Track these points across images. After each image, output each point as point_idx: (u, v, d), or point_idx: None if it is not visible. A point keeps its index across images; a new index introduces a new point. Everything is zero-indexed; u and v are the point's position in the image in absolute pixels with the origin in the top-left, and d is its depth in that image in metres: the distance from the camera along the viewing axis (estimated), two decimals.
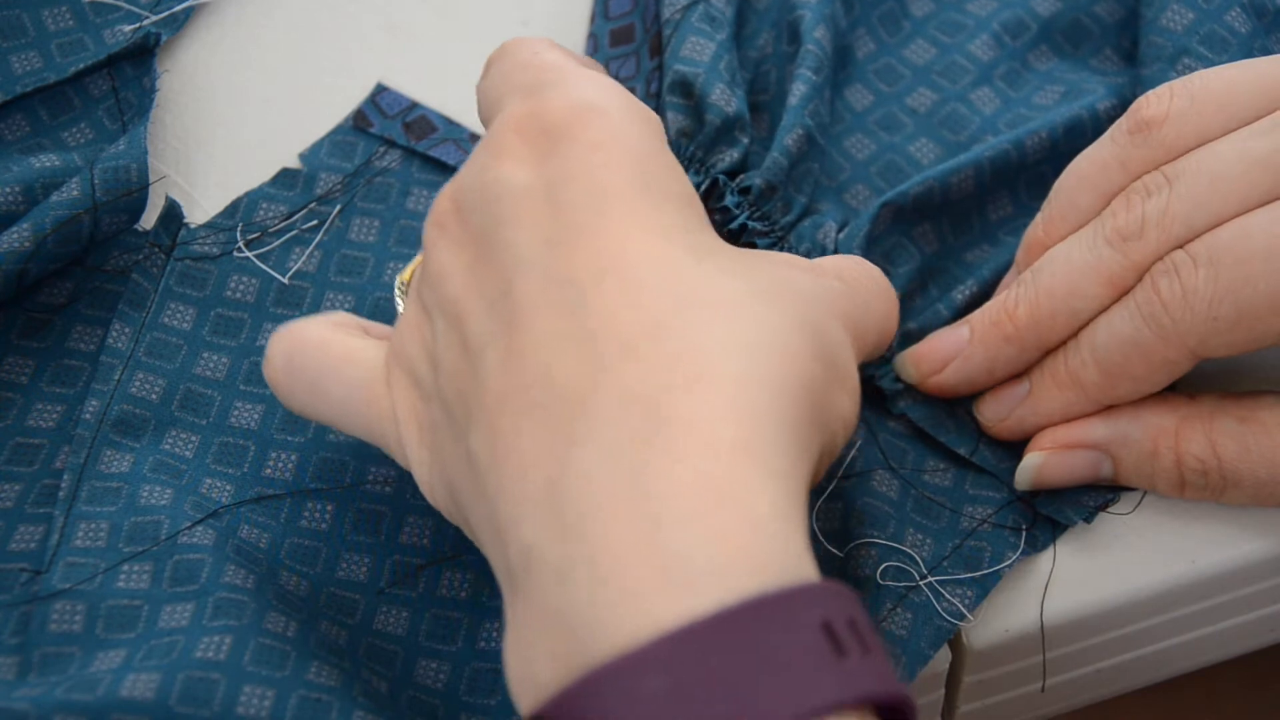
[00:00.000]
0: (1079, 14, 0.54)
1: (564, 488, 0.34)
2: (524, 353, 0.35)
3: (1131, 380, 0.44)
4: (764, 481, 0.33)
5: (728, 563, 0.32)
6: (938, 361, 0.47)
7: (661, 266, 0.36)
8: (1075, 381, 0.45)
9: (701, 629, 0.31)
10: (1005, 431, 0.46)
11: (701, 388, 0.34)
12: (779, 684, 0.31)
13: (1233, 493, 0.44)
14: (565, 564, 0.33)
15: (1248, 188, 0.42)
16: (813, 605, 0.32)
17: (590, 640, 0.32)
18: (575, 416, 0.34)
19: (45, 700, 0.38)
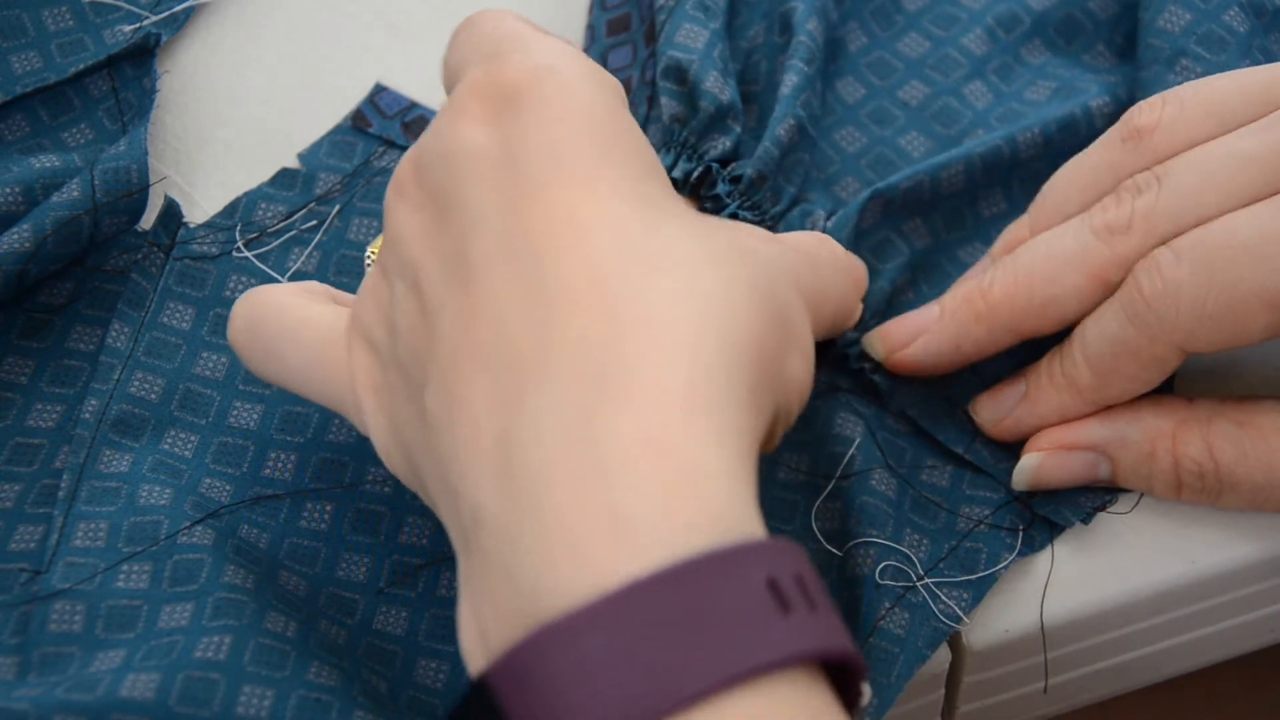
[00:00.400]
0: (1072, 9, 0.54)
1: (512, 444, 0.34)
2: (477, 311, 0.35)
3: (1124, 380, 0.44)
4: (711, 437, 0.33)
5: (673, 520, 0.32)
6: (905, 337, 0.47)
7: (614, 225, 0.36)
8: (1071, 383, 0.45)
9: (644, 587, 0.31)
10: (1003, 432, 0.46)
11: (650, 343, 0.34)
12: (720, 641, 0.31)
13: (1229, 497, 0.44)
14: (513, 521, 0.33)
15: (1236, 185, 0.42)
16: (757, 562, 0.32)
17: (536, 599, 0.32)
18: (525, 372, 0.34)
19: (45, 700, 0.39)
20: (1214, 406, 0.44)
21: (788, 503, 0.46)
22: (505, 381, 0.34)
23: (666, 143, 0.49)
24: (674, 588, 0.31)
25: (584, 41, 0.54)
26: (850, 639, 0.33)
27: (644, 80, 0.52)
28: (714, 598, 0.31)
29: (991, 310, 0.45)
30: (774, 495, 0.46)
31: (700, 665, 0.31)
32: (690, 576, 0.31)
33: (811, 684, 0.32)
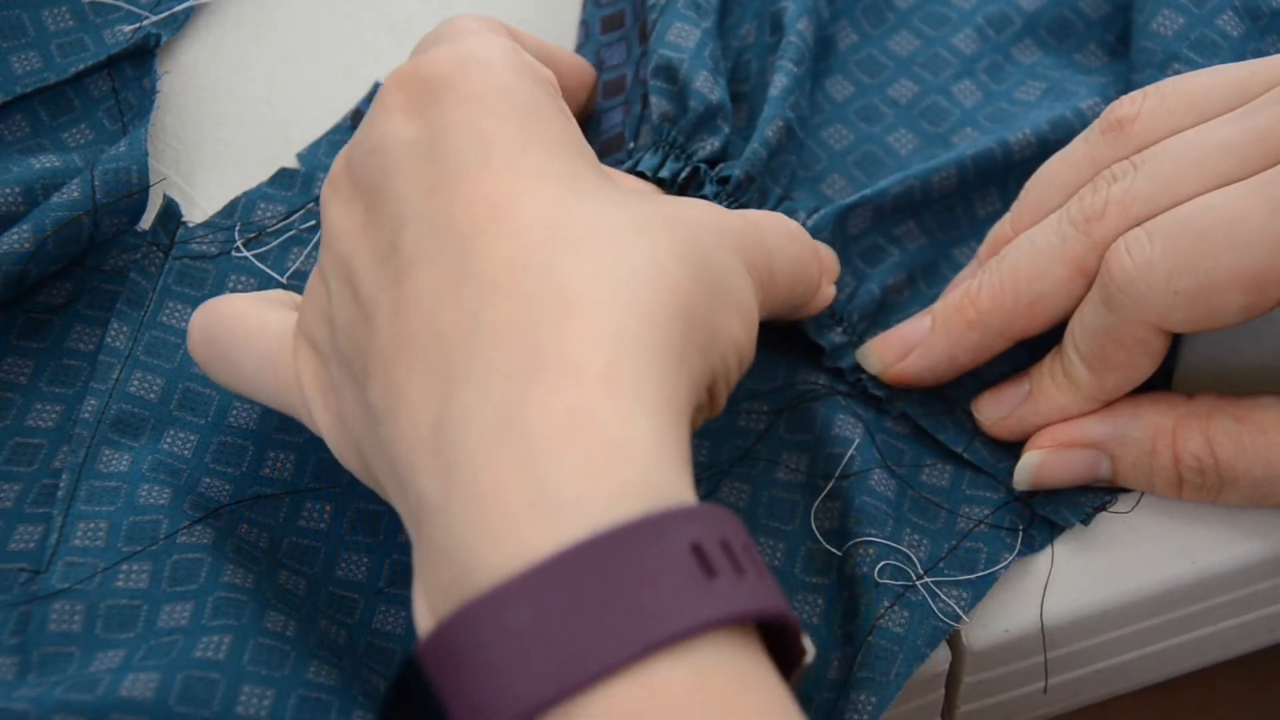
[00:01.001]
0: (1064, 9, 0.54)
1: (446, 429, 0.34)
2: (411, 302, 0.36)
3: (1115, 369, 0.44)
4: (635, 408, 0.34)
5: (596, 491, 0.32)
6: (900, 350, 0.47)
7: (539, 205, 0.36)
8: (1071, 382, 0.45)
9: (567, 558, 0.32)
10: (1004, 431, 0.46)
11: (571, 319, 0.34)
12: (642, 609, 0.31)
13: (1229, 493, 0.44)
14: (448, 502, 0.34)
15: (1212, 169, 0.42)
16: (681, 529, 0.32)
17: (469, 575, 0.33)
18: (456, 360, 0.35)
19: (45, 700, 0.39)
20: (1214, 403, 0.45)
21: (787, 503, 0.46)
22: (438, 370, 0.35)
23: (656, 142, 0.49)
24: (596, 557, 0.32)
25: (578, 38, 0.54)
26: (782, 599, 0.34)
27: (637, 79, 0.52)
28: (636, 566, 0.32)
29: (982, 316, 0.45)
30: (773, 495, 0.46)
31: (621, 633, 0.31)
32: (612, 546, 0.32)
33: (740, 648, 0.32)
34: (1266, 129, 0.42)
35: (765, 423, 0.47)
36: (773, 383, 0.48)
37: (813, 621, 0.44)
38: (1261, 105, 0.43)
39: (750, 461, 0.47)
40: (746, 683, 0.32)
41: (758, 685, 0.32)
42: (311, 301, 0.40)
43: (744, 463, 0.47)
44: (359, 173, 0.39)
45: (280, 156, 0.52)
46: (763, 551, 0.45)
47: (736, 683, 0.32)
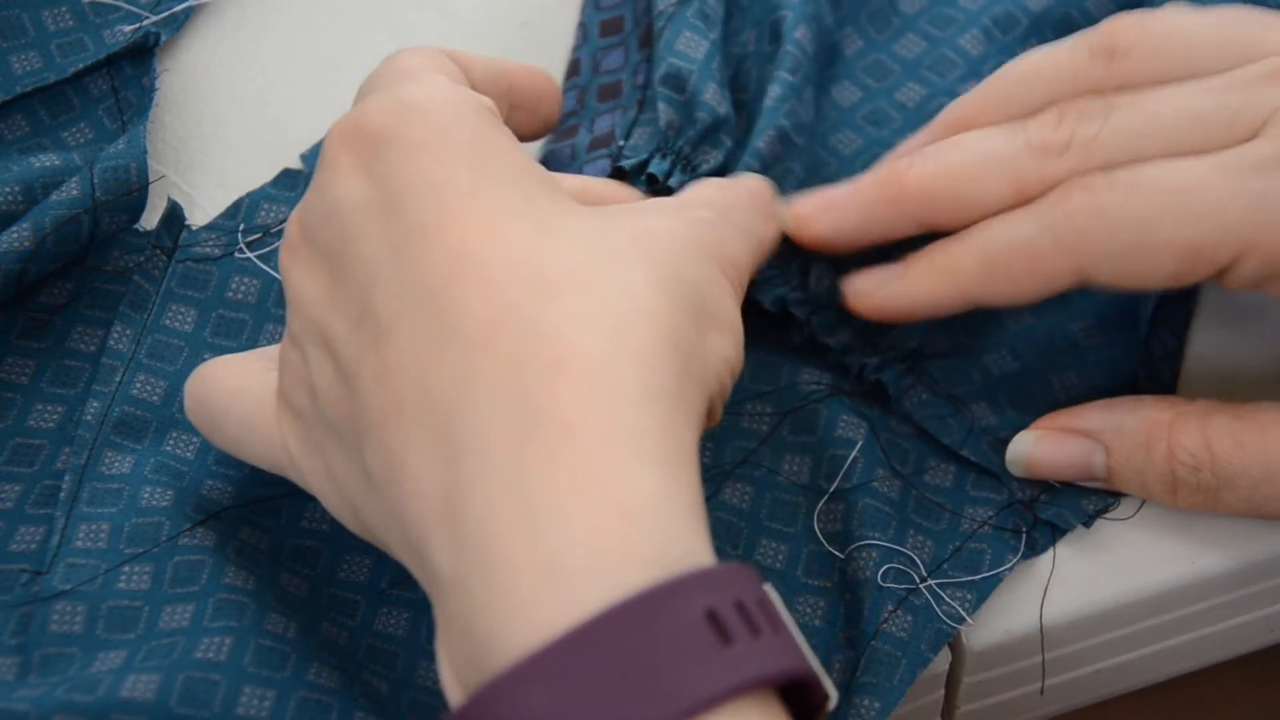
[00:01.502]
0: (1070, 8, 0.54)
1: (455, 500, 0.34)
2: (395, 368, 0.35)
3: (1007, 282, 0.43)
4: (639, 467, 0.33)
5: (606, 560, 0.32)
6: (818, 208, 0.46)
7: (507, 251, 0.36)
8: (949, 268, 0.44)
9: (582, 634, 0.31)
10: (870, 309, 0.46)
11: (563, 376, 0.34)
12: (660, 684, 0.31)
13: (1228, 496, 0.44)
14: (464, 576, 0.33)
15: (1179, 137, 0.42)
16: (694, 594, 0.32)
17: (487, 650, 0.32)
18: (453, 427, 0.34)
19: (45, 701, 0.39)
20: (1214, 404, 0.44)
21: (790, 505, 0.46)
22: (438, 438, 0.34)
23: (660, 149, 0.49)
24: (609, 632, 0.31)
25: (575, 40, 0.54)
26: (799, 654, 0.33)
27: (635, 84, 0.52)
28: (650, 639, 0.31)
29: (904, 196, 0.45)
30: (776, 498, 0.46)
31: (636, 711, 0.31)
32: (625, 619, 0.31)
33: (761, 710, 0.32)
34: (1238, 109, 0.42)
35: (768, 425, 0.47)
36: (775, 384, 0.48)
37: (815, 624, 0.44)
38: (1241, 83, 0.43)
39: (753, 464, 0.47)
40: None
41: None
42: (288, 369, 0.40)
43: (747, 465, 0.47)
44: (317, 237, 0.38)
45: (280, 156, 0.52)
46: (764, 553, 0.45)
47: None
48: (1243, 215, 0.41)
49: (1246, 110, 0.42)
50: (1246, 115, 0.42)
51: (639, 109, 0.51)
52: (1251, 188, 0.41)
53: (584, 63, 0.53)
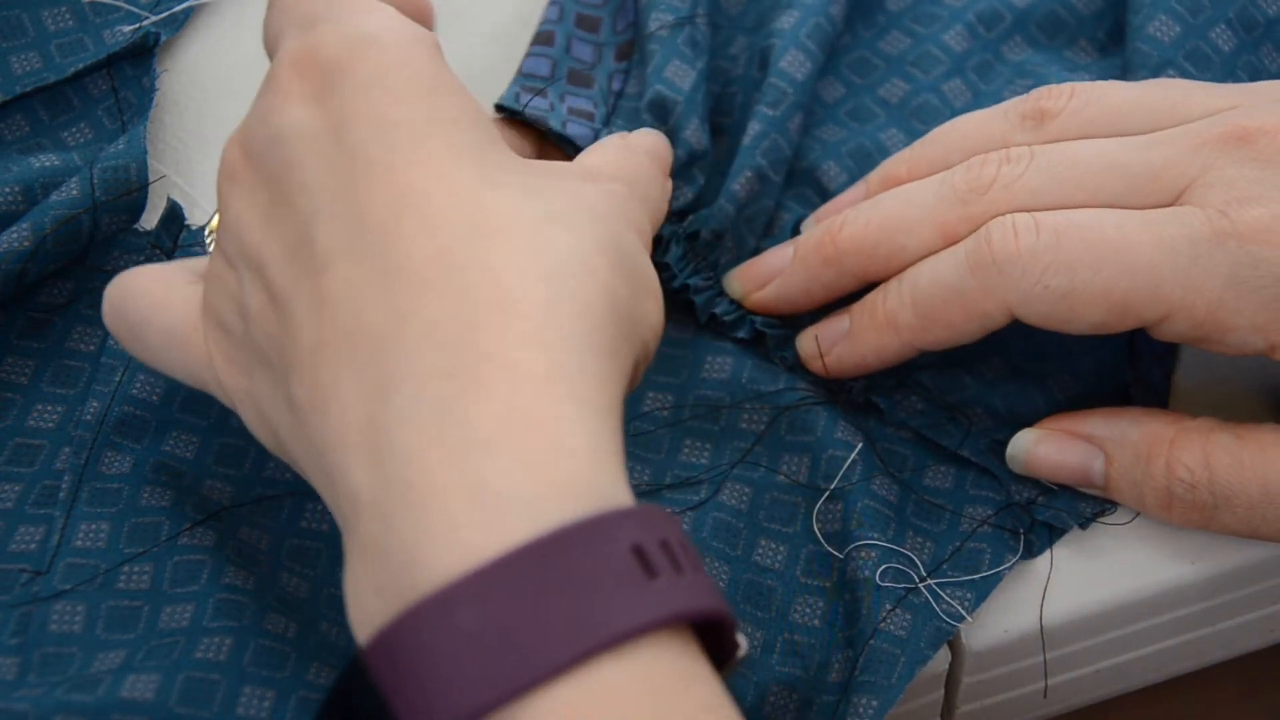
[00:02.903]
0: (1055, 4, 0.54)
1: (382, 429, 0.34)
2: (332, 300, 0.36)
3: (946, 328, 0.44)
4: (574, 410, 0.34)
5: (539, 492, 0.33)
6: (761, 278, 0.48)
7: (455, 195, 0.36)
8: (891, 323, 0.45)
9: (510, 561, 0.32)
10: (821, 371, 0.47)
11: (508, 318, 0.35)
12: (587, 611, 0.32)
13: (1224, 515, 0.44)
14: (386, 502, 0.34)
15: (1101, 186, 0.43)
16: (622, 529, 0.33)
17: (410, 577, 0.33)
18: (388, 361, 0.35)
19: (45, 701, 0.39)
20: (1216, 422, 0.44)
21: (789, 505, 0.46)
22: (370, 372, 0.35)
23: None
24: (540, 560, 0.32)
25: (549, 14, 0.53)
26: (719, 597, 0.34)
27: (610, 88, 0.52)
28: (579, 568, 0.32)
29: (841, 255, 0.46)
30: (774, 498, 0.46)
31: (566, 636, 0.31)
32: (556, 548, 0.32)
33: (679, 646, 0.33)
34: (1161, 166, 0.43)
35: (765, 425, 0.47)
36: (774, 385, 0.48)
37: (814, 624, 0.44)
38: (1165, 140, 0.43)
39: (751, 464, 0.47)
40: (688, 681, 0.32)
41: (699, 683, 0.33)
42: (218, 286, 0.40)
43: (745, 465, 0.47)
44: (260, 162, 0.38)
45: None
46: (764, 554, 0.45)
47: (678, 681, 0.32)
48: (1173, 278, 0.42)
49: (1170, 169, 0.43)
50: (1170, 174, 0.43)
51: (612, 111, 0.51)
52: (1184, 252, 0.42)
53: (557, 36, 0.53)
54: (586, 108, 0.51)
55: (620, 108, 0.51)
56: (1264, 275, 0.41)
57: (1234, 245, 0.41)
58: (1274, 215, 0.41)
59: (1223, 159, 0.42)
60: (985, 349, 0.48)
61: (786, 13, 0.52)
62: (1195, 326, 0.42)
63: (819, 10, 0.52)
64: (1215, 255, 0.41)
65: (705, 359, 0.48)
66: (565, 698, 0.31)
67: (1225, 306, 0.42)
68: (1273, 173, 0.42)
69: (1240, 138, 0.43)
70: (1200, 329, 0.42)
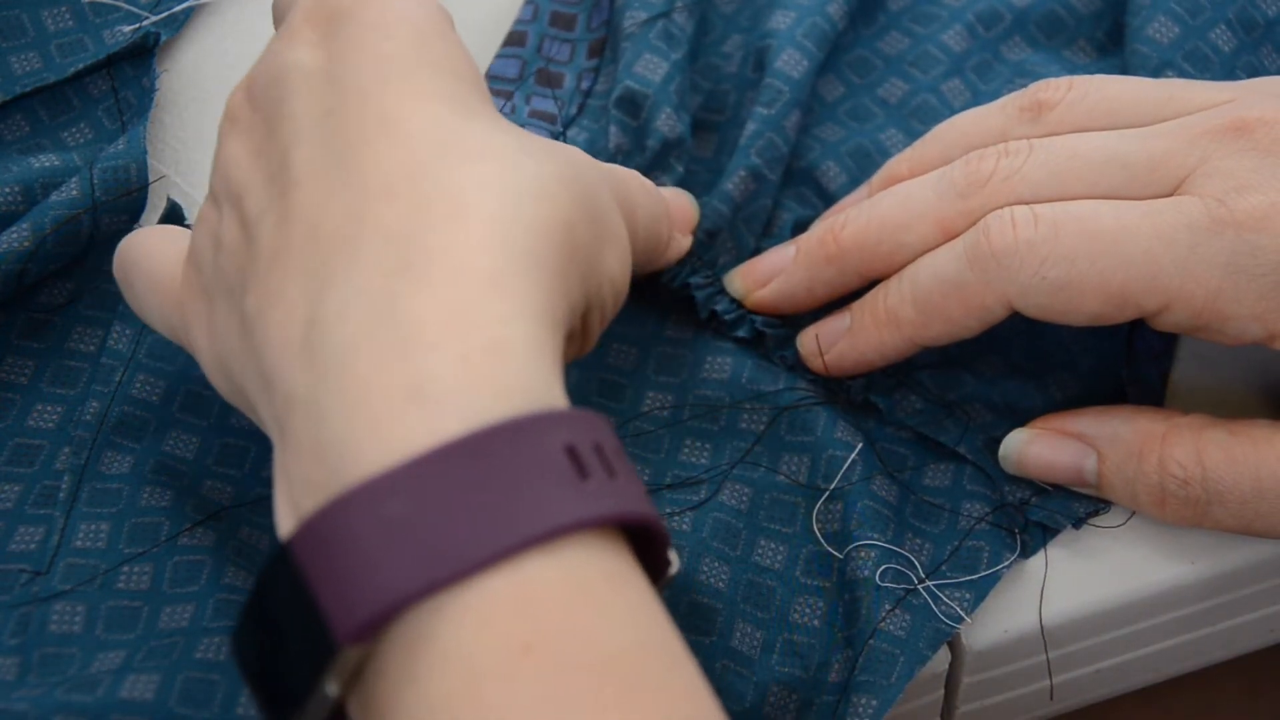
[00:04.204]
0: (1054, 4, 0.54)
1: (319, 326, 0.34)
2: (295, 213, 0.36)
3: (945, 322, 0.45)
4: (515, 313, 0.34)
5: (474, 388, 0.33)
6: (762, 277, 0.48)
7: (431, 123, 0.37)
8: (892, 319, 0.45)
9: (443, 453, 0.32)
10: (822, 369, 0.47)
11: (457, 223, 0.35)
12: (517, 506, 0.32)
13: (1217, 510, 0.44)
14: (319, 396, 0.34)
15: (1101, 178, 0.43)
16: (556, 430, 0.33)
17: (341, 469, 0.33)
18: (335, 261, 0.35)
19: (45, 701, 0.39)
20: (1208, 419, 0.45)
21: (788, 505, 0.46)
22: (317, 272, 0.35)
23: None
24: (472, 454, 0.32)
25: (523, 13, 0.54)
26: (651, 505, 0.34)
27: (579, 87, 0.52)
28: (512, 464, 0.32)
29: (842, 252, 0.46)
30: (774, 498, 0.46)
31: (495, 529, 0.32)
32: (488, 443, 0.32)
33: (609, 549, 0.33)
34: (1160, 157, 0.43)
35: (765, 425, 0.47)
36: (774, 385, 0.48)
37: (814, 624, 0.44)
38: (1163, 132, 0.44)
39: (751, 464, 0.47)
40: (615, 582, 0.32)
41: (625, 585, 0.33)
42: (200, 226, 0.40)
43: (745, 465, 0.47)
44: (259, 101, 0.39)
45: None
46: (763, 554, 0.45)
47: (605, 581, 0.32)
48: (1172, 268, 0.42)
49: (1169, 160, 0.43)
50: (1168, 165, 0.43)
51: (579, 110, 0.51)
52: (1182, 241, 0.42)
53: (530, 37, 0.53)
54: (549, 109, 0.52)
55: (588, 107, 0.52)
56: (1262, 263, 0.41)
57: (1232, 234, 0.41)
58: (1272, 203, 0.41)
59: (1221, 150, 0.43)
60: (984, 348, 0.48)
61: (782, 12, 0.52)
62: (1194, 316, 0.42)
63: (816, 10, 0.52)
64: (1213, 244, 0.42)
65: (705, 359, 0.48)
66: (491, 591, 0.31)
67: (1224, 295, 0.42)
68: (1271, 162, 0.42)
69: (1239, 129, 0.43)
70: (1199, 318, 0.42)
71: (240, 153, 0.39)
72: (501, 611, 0.31)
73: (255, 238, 0.37)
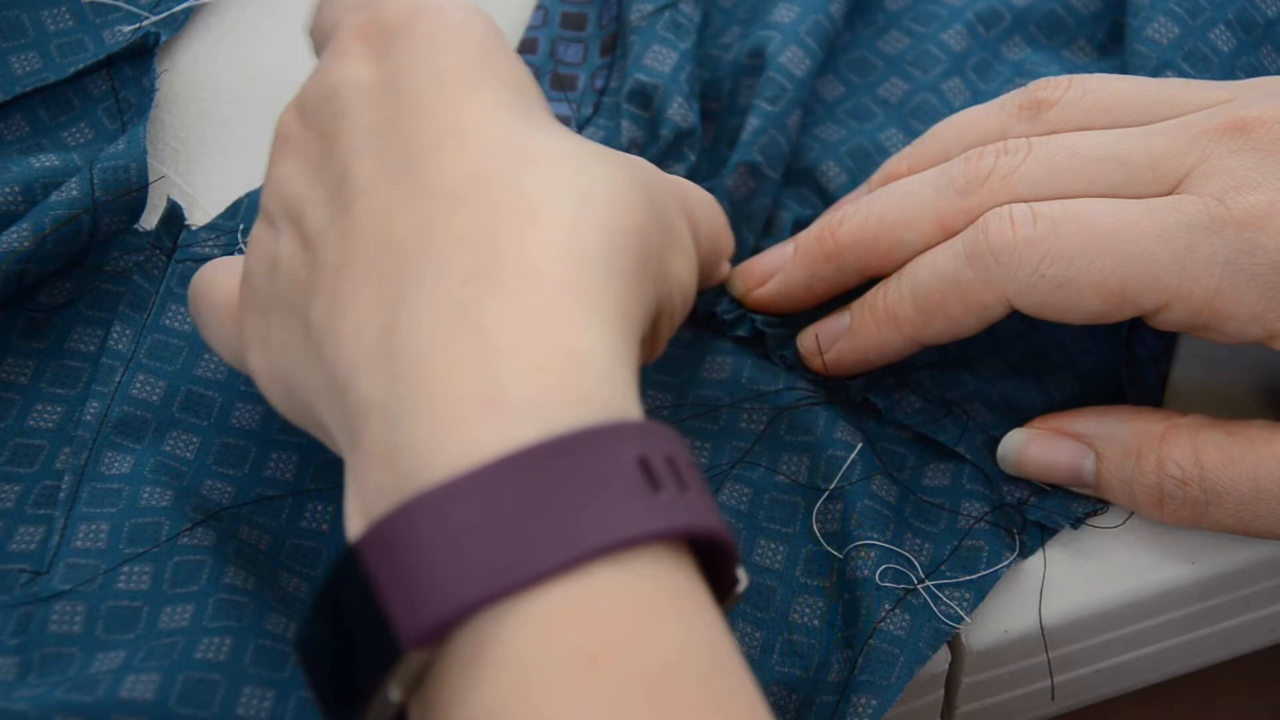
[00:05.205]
0: (1054, 4, 0.54)
1: (395, 333, 0.34)
2: (362, 223, 0.36)
3: (945, 320, 0.45)
4: (591, 319, 0.34)
5: (549, 395, 0.33)
6: (761, 275, 0.48)
7: (496, 128, 0.36)
8: (892, 317, 0.45)
9: (514, 461, 0.32)
10: (822, 368, 0.47)
11: (531, 228, 0.35)
12: (587, 515, 0.32)
13: (1215, 511, 0.44)
14: (395, 403, 0.33)
15: (1100, 176, 0.43)
16: (630, 440, 0.33)
17: (412, 474, 0.33)
18: (409, 269, 0.35)
19: (45, 701, 0.39)
20: (1207, 419, 0.45)
21: (788, 505, 0.46)
22: (390, 281, 0.35)
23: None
24: (545, 462, 0.32)
25: (534, 19, 0.54)
26: (721, 520, 0.34)
27: (593, 86, 0.52)
28: (584, 472, 0.32)
29: (841, 250, 0.46)
30: (774, 498, 0.46)
31: (564, 538, 0.31)
32: (562, 451, 0.32)
33: (676, 562, 0.33)
34: (1160, 155, 0.43)
35: (765, 425, 0.47)
36: (774, 385, 0.48)
37: (813, 624, 0.44)
38: (1162, 131, 0.44)
39: (751, 464, 0.47)
40: (680, 597, 0.32)
41: (690, 601, 0.33)
42: (255, 247, 0.40)
43: (745, 465, 0.47)
44: (313, 119, 0.39)
45: None
46: (764, 554, 0.45)
47: (670, 596, 0.32)
48: (1170, 266, 0.42)
49: (1168, 159, 0.43)
50: (1168, 164, 0.43)
51: (594, 110, 0.51)
52: (1181, 239, 0.42)
53: (541, 43, 0.53)
54: (563, 114, 0.52)
55: (603, 105, 0.52)
56: (1261, 262, 0.41)
57: (1231, 232, 0.41)
58: (1271, 202, 0.41)
59: (1221, 148, 0.43)
60: (984, 348, 0.48)
61: (784, 6, 0.52)
62: (1193, 315, 0.42)
63: (819, 8, 0.52)
64: (1213, 242, 0.42)
65: (705, 358, 0.48)
66: (557, 601, 0.31)
67: (1223, 294, 0.42)
68: (1270, 161, 0.42)
69: (1239, 128, 0.43)
70: (1198, 317, 0.42)
71: (296, 171, 0.39)
72: (564, 622, 0.31)
73: (319, 250, 0.37)
